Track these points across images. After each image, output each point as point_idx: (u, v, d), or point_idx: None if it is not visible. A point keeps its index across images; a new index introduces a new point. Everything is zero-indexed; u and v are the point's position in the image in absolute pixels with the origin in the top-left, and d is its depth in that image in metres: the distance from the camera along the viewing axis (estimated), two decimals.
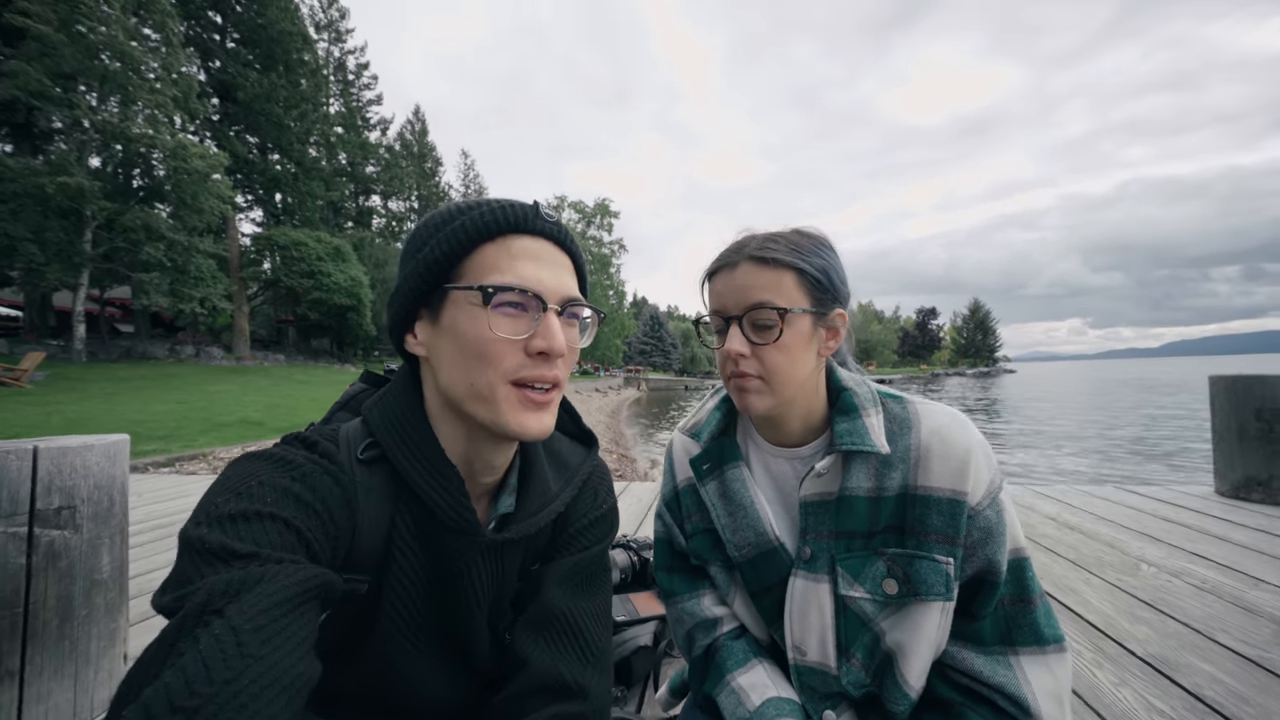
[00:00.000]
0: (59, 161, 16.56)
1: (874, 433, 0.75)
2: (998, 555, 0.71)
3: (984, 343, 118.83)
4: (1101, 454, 11.50)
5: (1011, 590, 0.73)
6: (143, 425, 8.53)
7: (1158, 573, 2.26)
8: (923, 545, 0.72)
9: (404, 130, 43.74)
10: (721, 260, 0.80)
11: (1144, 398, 28.61)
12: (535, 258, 0.63)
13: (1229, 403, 3.48)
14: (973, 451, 0.72)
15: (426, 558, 0.66)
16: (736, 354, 0.75)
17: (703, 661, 0.88)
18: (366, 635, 0.65)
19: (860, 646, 0.76)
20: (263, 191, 29.83)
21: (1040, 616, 0.73)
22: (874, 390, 0.82)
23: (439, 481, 0.64)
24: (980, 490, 0.72)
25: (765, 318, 0.74)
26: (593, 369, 53.81)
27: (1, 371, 12.32)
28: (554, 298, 0.62)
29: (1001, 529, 0.72)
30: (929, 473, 0.73)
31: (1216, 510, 3.18)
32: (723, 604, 0.91)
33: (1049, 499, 3.51)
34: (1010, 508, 0.74)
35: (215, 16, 27.68)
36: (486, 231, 0.62)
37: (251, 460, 0.58)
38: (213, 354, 22.99)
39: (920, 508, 0.73)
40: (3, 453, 1.21)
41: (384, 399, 0.69)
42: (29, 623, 1.23)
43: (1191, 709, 1.38)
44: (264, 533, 0.51)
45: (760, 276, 0.75)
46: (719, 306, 0.79)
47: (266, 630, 0.43)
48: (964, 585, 0.73)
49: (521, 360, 0.61)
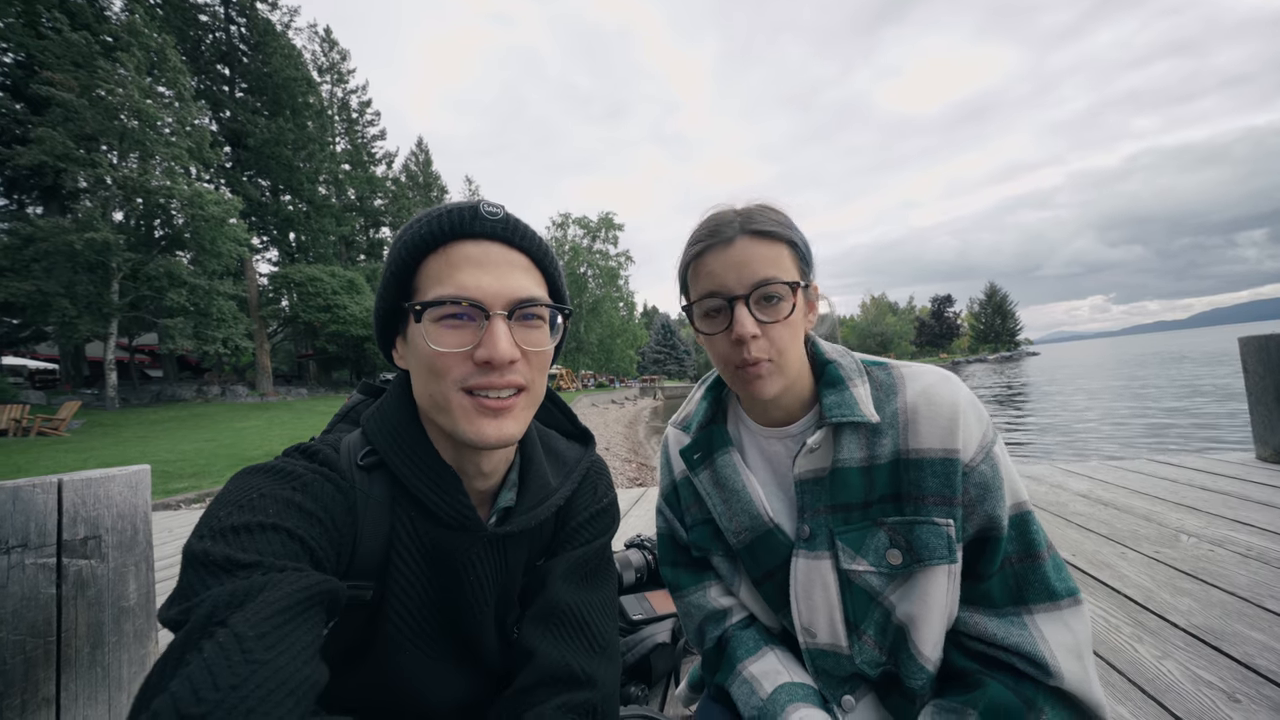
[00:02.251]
0: (85, 218, 17.35)
1: (862, 402, 0.74)
2: (997, 510, 0.69)
3: (1004, 327, 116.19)
4: (1134, 432, 11.13)
5: (1017, 546, 0.71)
6: (173, 464, 8.77)
7: (1198, 543, 2.17)
8: (921, 510, 0.70)
9: (409, 161, 44.77)
10: (711, 237, 0.74)
11: (1171, 371, 27.63)
12: (477, 263, 0.60)
13: (1263, 364, 3.35)
14: (960, 408, 0.70)
15: (428, 558, 0.66)
16: (750, 336, 0.70)
17: (715, 654, 0.87)
18: (374, 639, 0.65)
19: (871, 623, 0.74)
20: (277, 232, 30.75)
21: (1050, 570, 0.70)
22: (858, 360, 0.80)
23: (434, 480, 0.65)
24: (973, 445, 0.70)
25: (776, 292, 0.71)
26: (608, 381, 53.90)
27: (41, 423, 12.81)
28: (498, 303, 0.60)
29: (999, 482, 0.70)
30: (918, 435, 0.71)
31: (1258, 476, 3.04)
32: (729, 594, 0.89)
33: (1079, 476, 3.40)
34: (1006, 460, 0.72)
35: (223, 69, 28.88)
36: (425, 245, 0.61)
37: (253, 474, 0.59)
38: (238, 392, 23.59)
39: (914, 471, 0.71)
40: (29, 487, 1.26)
41: (380, 408, 0.70)
42: (62, 650, 1.27)
43: (1244, 679, 1.32)
44: (267, 543, 0.52)
45: (761, 251, 0.71)
46: (717, 287, 0.73)
47: (271, 637, 0.43)
48: (967, 545, 0.71)
49: (469, 369, 0.60)
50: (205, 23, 27.91)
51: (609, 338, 45.44)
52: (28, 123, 17.86)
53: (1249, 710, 1.20)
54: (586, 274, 45.78)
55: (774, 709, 0.75)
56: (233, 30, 28.94)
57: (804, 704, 0.74)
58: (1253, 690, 1.27)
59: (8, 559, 1.19)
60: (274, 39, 29.17)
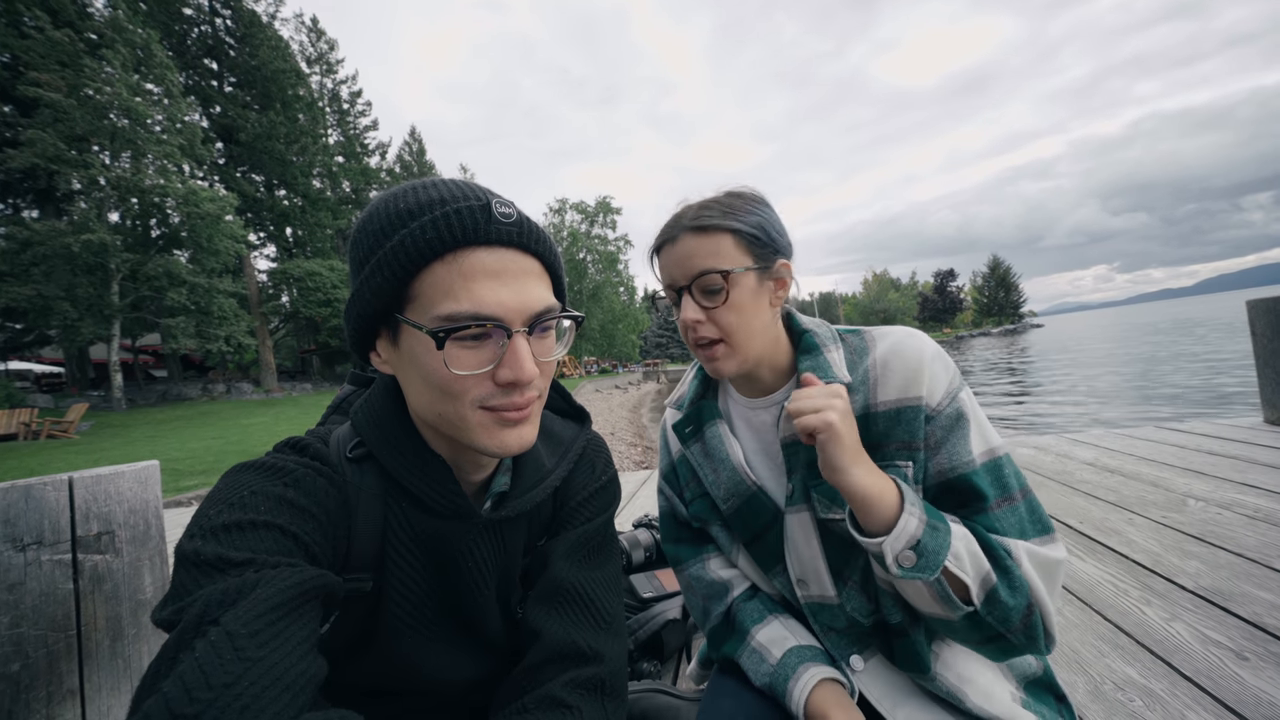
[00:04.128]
0: (81, 220, 17.27)
1: (835, 366, 0.79)
2: (964, 446, 0.72)
3: (1007, 299, 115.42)
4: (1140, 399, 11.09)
5: (995, 491, 0.72)
6: (182, 462, 8.86)
7: (1206, 506, 2.17)
8: (884, 455, 0.74)
9: (402, 152, 44.28)
10: (663, 236, 0.83)
11: (1174, 340, 27.24)
12: (494, 275, 0.55)
13: (1270, 327, 3.32)
14: (925, 357, 0.75)
15: (424, 547, 0.66)
16: (693, 321, 0.78)
17: (723, 628, 0.88)
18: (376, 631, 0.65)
19: (854, 569, 0.78)
20: (273, 227, 30.59)
21: (1024, 510, 0.71)
22: (833, 330, 0.86)
23: (423, 471, 0.63)
24: (938, 392, 0.74)
25: (711, 283, 0.77)
26: (611, 366, 53.97)
27: (50, 426, 12.93)
28: (519, 319, 0.56)
29: (964, 424, 0.73)
30: (887, 387, 0.76)
31: (1266, 439, 3.04)
32: (729, 566, 0.92)
33: (1086, 445, 3.40)
34: (974, 407, 0.75)
35: (211, 63, 28.44)
36: (431, 250, 0.54)
37: (243, 471, 0.58)
38: (243, 389, 23.72)
39: (884, 423, 0.75)
40: (41, 485, 1.27)
41: (368, 400, 0.69)
42: (83, 644, 1.29)
43: (1251, 637, 1.33)
44: (259, 540, 0.51)
45: (700, 244, 0.78)
46: (669, 280, 0.82)
47: (264, 634, 0.43)
48: (943, 492, 0.73)
49: (489, 390, 0.56)
50: (190, 16, 27.37)
51: (610, 323, 45.34)
52: (17, 125, 17.71)
53: (1257, 667, 1.22)
54: (586, 260, 45.52)
55: (785, 672, 0.76)
56: (218, 23, 28.40)
57: (814, 663, 0.76)
58: (1261, 648, 1.28)
59: (24, 556, 1.20)
60: (260, 30, 28.63)
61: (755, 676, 0.79)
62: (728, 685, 0.84)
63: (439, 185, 0.58)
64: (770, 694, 0.78)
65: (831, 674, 0.76)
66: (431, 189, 0.57)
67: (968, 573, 0.64)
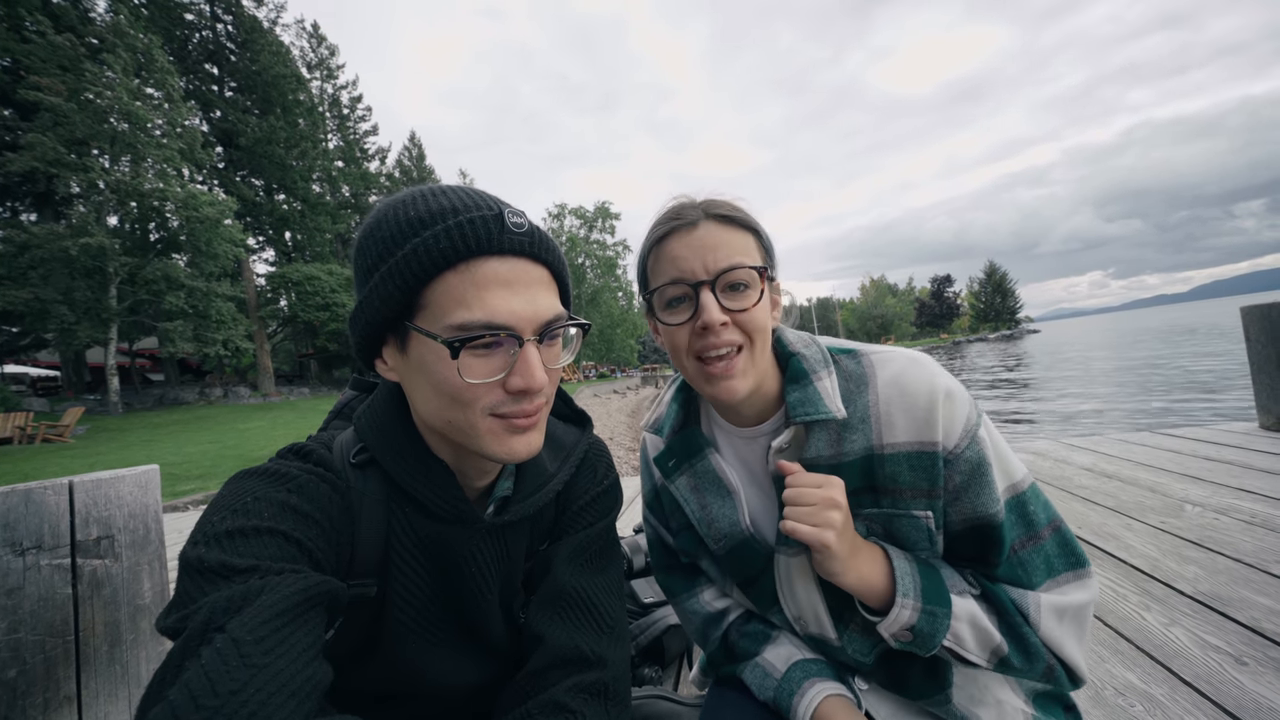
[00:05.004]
0: (80, 224, 17.28)
1: (827, 397, 0.70)
2: (987, 495, 0.66)
3: (1004, 305, 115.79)
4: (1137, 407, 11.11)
5: (1019, 530, 0.68)
6: (179, 466, 8.81)
7: (1203, 511, 2.18)
8: (899, 503, 0.68)
9: (402, 157, 44.37)
10: (676, 219, 0.71)
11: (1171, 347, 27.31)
12: (506, 284, 0.55)
13: (1265, 332, 3.34)
14: (937, 394, 0.66)
15: (427, 552, 0.66)
16: (717, 324, 0.67)
17: (721, 652, 0.85)
18: (381, 636, 0.65)
19: (856, 613, 0.72)
20: (272, 231, 30.60)
21: (1050, 548, 0.68)
22: (824, 349, 0.76)
23: (427, 476, 0.64)
24: (955, 432, 0.66)
25: (743, 277, 0.68)
26: (610, 371, 53.92)
27: (46, 429, 12.85)
28: (530, 328, 0.56)
29: (986, 465, 0.66)
30: (894, 428, 0.67)
31: (1261, 445, 3.05)
32: (724, 596, 0.88)
33: (1084, 450, 3.41)
34: (994, 441, 0.68)
35: (212, 68, 28.54)
36: (444, 259, 0.54)
37: (246, 478, 0.58)
38: (240, 393, 23.63)
39: (890, 466, 0.68)
40: (41, 489, 1.27)
41: (372, 405, 0.69)
42: (80, 649, 1.28)
43: (1250, 642, 1.33)
44: (263, 547, 0.51)
45: (729, 236, 0.69)
46: (680, 273, 0.69)
47: (269, 640, 0.43)
48: (965, 535, 0.68)
49: (500, 397, 0.57)
50: (191, 21, 27.53)
51: (609, 328, 45.43)
52: (17, 129, 17.73)
53: (1256, 672, 1.22)
54: (584, 264, 45.66)
55: (790, 687, 0.73)
56: (219, 28, 28.57)
57: (820, 678, 0.73)
58: (1259, 653, 1.28)
59: (23, 560, 1.20)
60: (261, 36, 28.79)
61: (759, 691, 0.77)
62: (729, 696, 0.82)
63: (449, 193, 0.58)
64: (774, 708, 0.74)
65: (838, 689, 0.72)
66: (442, 197, 0.58)
67: (970, 650, 0.63)
